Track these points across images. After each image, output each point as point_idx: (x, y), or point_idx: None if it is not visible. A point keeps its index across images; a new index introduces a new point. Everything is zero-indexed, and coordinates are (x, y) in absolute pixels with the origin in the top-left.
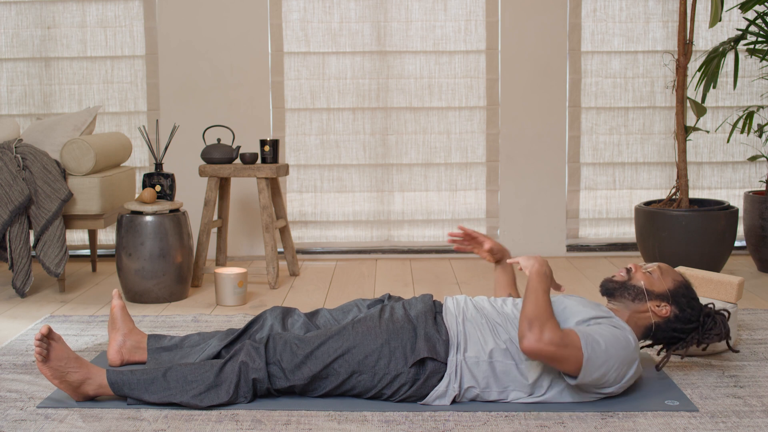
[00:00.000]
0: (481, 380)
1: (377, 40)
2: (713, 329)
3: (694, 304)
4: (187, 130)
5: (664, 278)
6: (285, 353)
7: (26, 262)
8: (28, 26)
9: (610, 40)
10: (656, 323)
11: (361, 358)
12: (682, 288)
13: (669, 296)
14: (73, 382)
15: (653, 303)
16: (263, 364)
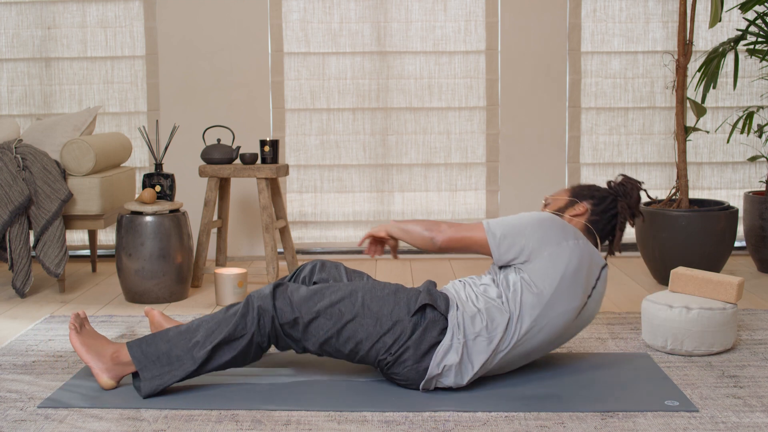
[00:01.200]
0: (479, 329)
1: (377, 41)
2: (629, 189)
3: (595, 187)
4: (187, 131)
5: (558, 195)
6: (295, 292)
7: (26, 263)
8: (28, 26)
9: (610, 41)
10: (586, 224)
11: (367, 301)
12: (577, 187)
13: (573, 199)
14: (106, 354)
15: (568, 214)
16: (270, 298)
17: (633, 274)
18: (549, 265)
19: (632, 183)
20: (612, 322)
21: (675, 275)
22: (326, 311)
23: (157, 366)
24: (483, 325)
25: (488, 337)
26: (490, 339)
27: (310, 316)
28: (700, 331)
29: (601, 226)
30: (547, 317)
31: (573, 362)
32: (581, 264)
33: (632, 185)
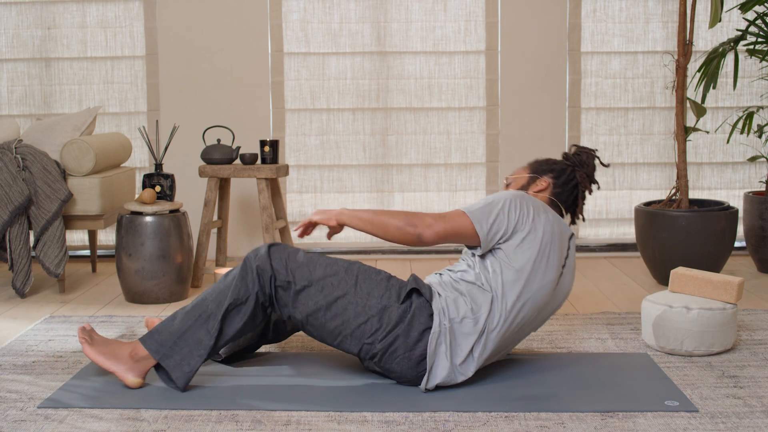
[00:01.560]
0: (464, 311)
1: (377, 41)
2: (586, 159)
3: (552, 161)
4: (187, 131)
5: (518, 173)
6: (293, 254)
7: (26, 263)
8: (28, 27)
9: (609, 41)
10: (550, 197)
11: (360, 281)
12: (535, 163)
13: (534, 175)
14: (124, 355)
15: (531, 190)
16: (267, 258)
17: (633, 274)
18: (526, 240)
19: (587, 152)
20: (612, 322)
21: (675, 275)
22: (319, 282)
23: (176, 351)
24: (468, 308)
25: (474, 318)
26: (476, 320)
27: (303, 284)
28: (700, 331)
29: (564, 198)
30: (530, 291)
31: (573, 362)
32: (554, 236)
33: (588, 154)
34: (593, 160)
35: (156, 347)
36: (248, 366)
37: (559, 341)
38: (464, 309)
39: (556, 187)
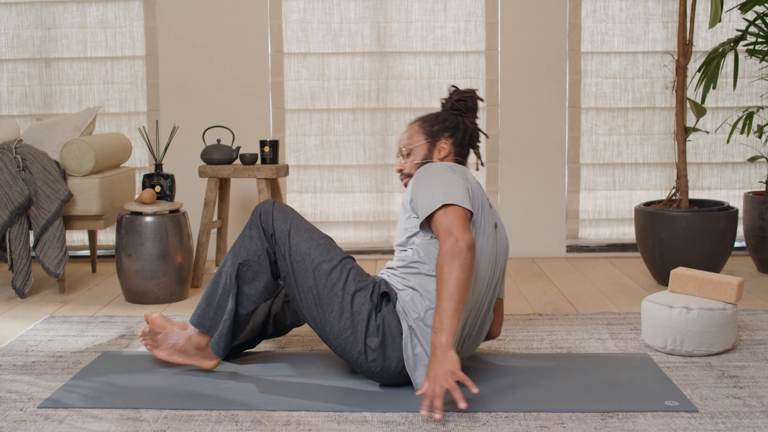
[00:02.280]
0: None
1: (377, 41)
2: (470, 103)
3: (440, 117)
4: (187, 131)
5: (412, 142)
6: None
7: (26, 263)
8: (28, 27)
9: (609, 41)
10: (455, 158)
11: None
12: (425, 125)
13: (431, 140)
14: (190, 348)
15: (436, 157)
16: (270, 206)
17: (633, 275)
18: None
19: (468, 94)
20: (612, 322)
21: (675, 275)
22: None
23: (216, 319)
24: (425, 302)
25: (434, 307)
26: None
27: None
28: (700, 332)
29: (464, 154)
30: (477, 250)
31: (573, 362)
32: (477, 195)
33: (470, 96)
34: (477, 102)
35: (199, 321)
36: (248, 366)
37: (559, 341)
38: (421, 303)
39: (456, 146)
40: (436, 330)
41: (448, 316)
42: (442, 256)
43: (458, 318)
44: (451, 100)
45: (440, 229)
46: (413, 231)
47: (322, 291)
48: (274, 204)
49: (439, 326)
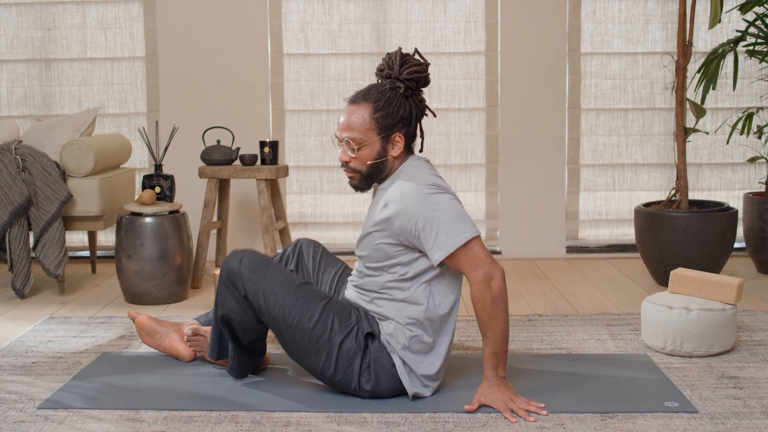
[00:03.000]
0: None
1: (377, 42)
2: (421, 78)
3: (389, 99)
4: (187, 132)
5: (362, 135)
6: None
7: (26, 264)
8: (28, 27)
9: (609, 42)
10: (405, 149)
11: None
12: (374, 113)
13: (385, 134)
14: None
15: (391, 156)
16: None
17: (633, 275)
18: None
19: (419, 67)
20: (612, 323)
21: (675, 276)
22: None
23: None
24: (408, 331)
25: (418, 335)
26: (420, 335)
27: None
28: (700, 332)
29: (413, 139)
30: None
31: (572, 363)
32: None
33: (420, 69)
34: (427, 71)
35: (211, 353)
36: None
37: (558, 342)
38: (403, 333)
39: (407, 136)
40: (495, 367)
41: (503, 351)
42: (490, 298)
43: (505, 347)
44: (399, 72)
45: (467, 265)
46: (404, 261)
47: (308, 345)
48: (241, 261)
49: (497, 364)
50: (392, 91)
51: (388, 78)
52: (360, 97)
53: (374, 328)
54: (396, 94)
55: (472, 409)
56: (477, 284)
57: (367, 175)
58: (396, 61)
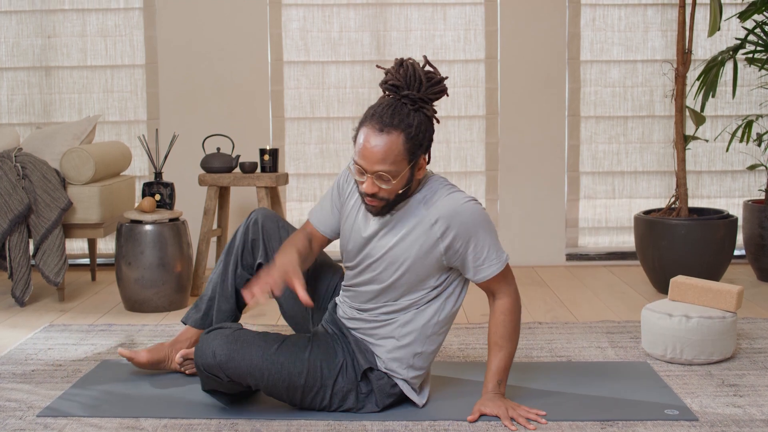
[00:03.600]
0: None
1: (377, 50)
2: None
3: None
4: (187, 139)
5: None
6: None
7: (26, 271)
8: (28, 35)
9: (609, 50)
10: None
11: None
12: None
13: (412, 164)
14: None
15: (416, 178)
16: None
17: (632, 283)
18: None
19: (441, 84)
20: (612, 330)
21: (674, 284)
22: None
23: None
24: (411, 349)
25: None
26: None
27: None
28: (700, 340)
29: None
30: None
31: (572, 371)
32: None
33: (443, 85)
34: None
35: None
36: None
37: (558, 350)
38: (404, 351)
39: (428, 156)
40: (500, 382)
41: (509, 366)
42: (507, 315)
43: (511, 360)
44: (424, 92)
45: (502, 282)
46: (434, 285)
47: (304, 396)
48: (215, 354)
49: (502, 378)
50: (418, 113)
51: (411, 98)
52: (387, 125)
53: (370, 360)
54: (423, 117)
55: (474, 419)
56: (510, 301)
57: (393, 202)
58: (416, 78)
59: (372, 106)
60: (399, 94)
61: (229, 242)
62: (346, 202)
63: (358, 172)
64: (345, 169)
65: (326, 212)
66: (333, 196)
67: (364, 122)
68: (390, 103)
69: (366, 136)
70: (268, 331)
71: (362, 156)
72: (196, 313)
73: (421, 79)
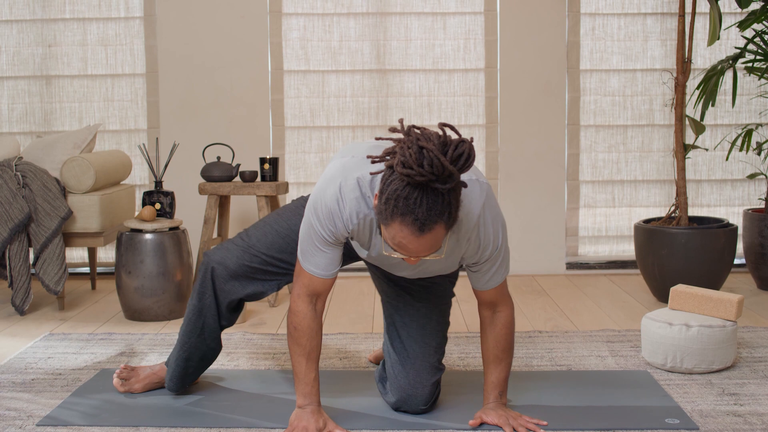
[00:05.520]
0: None
1: (377, 59)
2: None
3: (457, 203)
4: (187, 148)
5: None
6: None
7: (26, 280)
8: (29, 44)
9: (608, 59)
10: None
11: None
12: (445, 226)
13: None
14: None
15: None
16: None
17: (632, 292)
18: None
19: (470, 151)
20: (612, 339)
21: (675, 293)
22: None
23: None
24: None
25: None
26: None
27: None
28: (700, 349)
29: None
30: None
31: (573, 380)
32: None
33: (468, 158)
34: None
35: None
36: (247, 383)
37: (558, 359)
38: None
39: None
40: (501, 393)
41: (508, 377)
42: (509, 328)
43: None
44: (452, 178)
45: (501, 293)
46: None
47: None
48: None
49: (503, 390)
50: (453, 192)
51: (445, 183)
52: (425, 224)
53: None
54: (456, 190)
55: (475, 425)
56: (510, 313)
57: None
58: (444, 169)
59: (395, 191)
60: (430, 186)
61: (195, 306)
62: (353, 237)
63: (400, 255)
64: (330, 218)
65: (327, 255)
66: (328, 242)
67: (394, 216)
68: (420, 197)
69: (404, 235)
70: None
71: (402, 249)
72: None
73: (450, 171)
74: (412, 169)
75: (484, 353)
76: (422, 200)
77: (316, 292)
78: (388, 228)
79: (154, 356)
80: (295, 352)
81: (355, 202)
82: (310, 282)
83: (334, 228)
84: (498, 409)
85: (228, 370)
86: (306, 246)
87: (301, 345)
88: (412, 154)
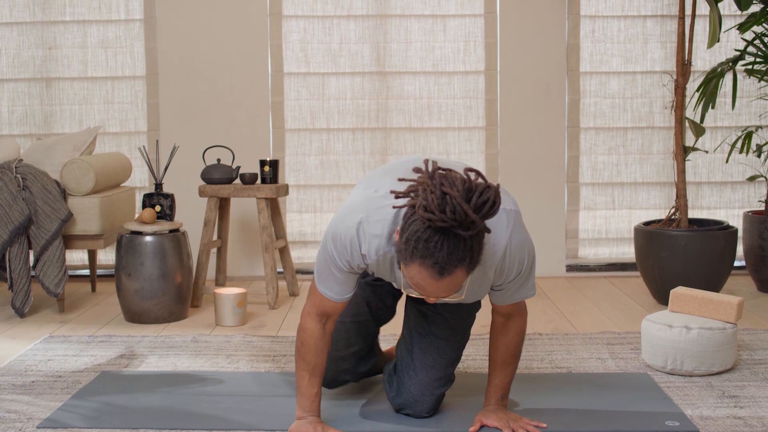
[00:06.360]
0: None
1: (377, 61)
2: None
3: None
4: (187, 151)
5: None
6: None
7: (26, 282)
8: (29, 47)
9: (608, 61)
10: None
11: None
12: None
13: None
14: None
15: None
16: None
17: (633, 294)
18: None
19: (489, 203)
20: (612, 342)
21: (675, 295)
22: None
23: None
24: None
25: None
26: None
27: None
28: (700, 351)
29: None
30: None
31: (573, 382)
32: None
33: (492, 205)
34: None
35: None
36: (248, 385)
37: (558, 361)
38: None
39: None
40: (504, 396)
41: (511, 382)
42: (521, 336)
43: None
44: (474, 226)
45: (515, 309)
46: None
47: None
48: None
49: (505, 393)
50: (476, 237)
51: (467, 230)
52: (445, 267)
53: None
54: (481, 238)
55: (475, 430)
56: (524, 322)
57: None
58: (467, 217)
59: (415, 231)
60: (452, 231)
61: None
62: (372, 272)
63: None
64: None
65: (341, 281)
66: (344, 270)
67: (414, 258)
68: (441, 241)
69: (422, 277)
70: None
71: (420, 290)
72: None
73: (473, 219)
74: (434, 214)
75: (492, 356)
76: (443, 244)
77: (326, 312)
78: (407, 268)
79: (154, 359)
80: (299, 366)
81: (376, 240)
82: (321, 303)
83: (350, 259)
84: (498, 411)
85: (228, 372)
86: (322, 269)
87: (306, 360)
88: (435, 200)
